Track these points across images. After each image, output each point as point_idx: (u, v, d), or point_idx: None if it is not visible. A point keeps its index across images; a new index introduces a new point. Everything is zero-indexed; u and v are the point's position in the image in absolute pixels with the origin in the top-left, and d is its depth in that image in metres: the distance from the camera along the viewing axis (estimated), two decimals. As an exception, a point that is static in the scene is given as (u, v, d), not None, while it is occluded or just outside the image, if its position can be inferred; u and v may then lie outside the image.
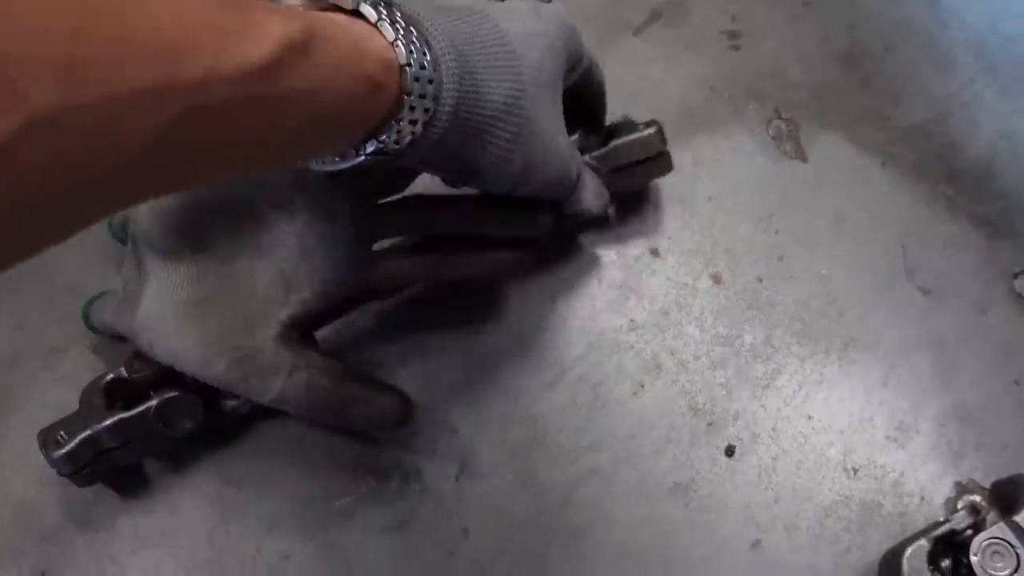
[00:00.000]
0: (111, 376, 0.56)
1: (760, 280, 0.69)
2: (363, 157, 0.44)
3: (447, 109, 0.45)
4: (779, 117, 0.76)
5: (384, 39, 0.42)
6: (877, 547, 0.61)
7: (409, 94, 0.43)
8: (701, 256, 0.70)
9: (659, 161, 0.68)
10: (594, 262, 0.70)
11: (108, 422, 0.56)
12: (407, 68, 0.42)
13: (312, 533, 0.61)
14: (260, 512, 0.61)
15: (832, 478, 0.63)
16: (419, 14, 0.46)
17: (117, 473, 0.60)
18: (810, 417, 0.65)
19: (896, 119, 0.76)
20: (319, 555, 0.60)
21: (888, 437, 0.64)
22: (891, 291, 0.69)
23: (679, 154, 0.73)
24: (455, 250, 0.61)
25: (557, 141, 0.54)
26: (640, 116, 0.69)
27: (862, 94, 0.77)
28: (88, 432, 0.55)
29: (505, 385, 0.66)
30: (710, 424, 0.65)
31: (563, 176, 0.57)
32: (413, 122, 0.44)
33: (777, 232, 0.71)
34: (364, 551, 0.60)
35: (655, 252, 0.70)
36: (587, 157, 0.65)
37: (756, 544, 0.61)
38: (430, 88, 0.44)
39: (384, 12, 0.43)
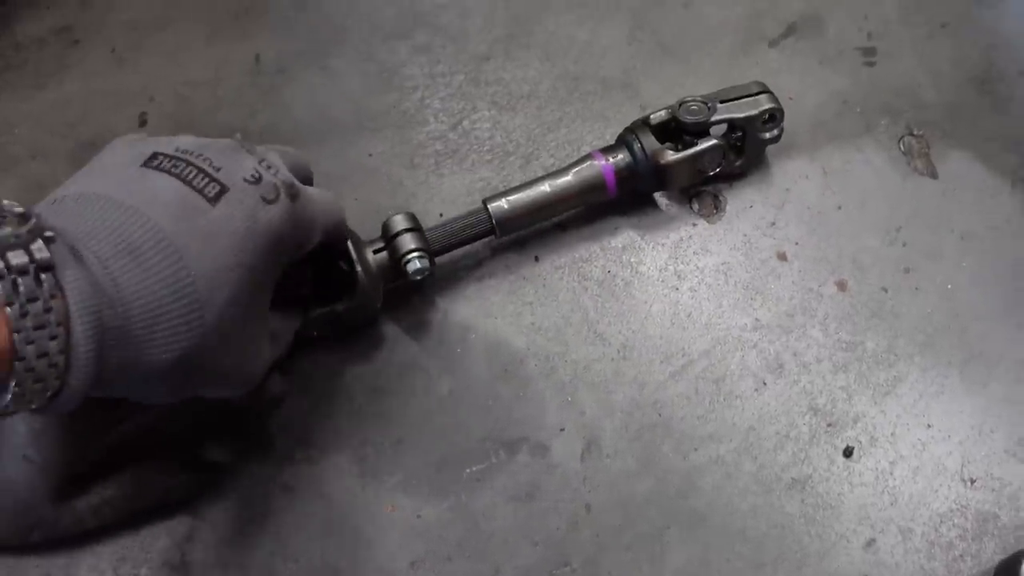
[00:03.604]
0: None
1: (885, 290, 0.71)
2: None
3: (76, 389, 0.43)
4: (911, 134, 0.78)
5: (4, 323, 0.40)
6: (991, 557, 0.62)
7: (19, 384, 0.41)
8: (827, 263, 0.72)
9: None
10: (723, 262, 0.72)
11: None
12: (18, 362, 0.40)
13: (444, 495, 0.65)
14: (396, 472, 0.65)
15: (949, 486, 0.64)
16: (78, 276, 0.43)
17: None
18: (930, 426, 0.66)
19: (1029, 143, 0.77)
20: (450, 516, 0.64)
21: (1007, 451, 0.65)
22: (1016, 309, 0.70)
23: (809, 164, 0.76)
24: None
25: (237, 374, 0.54)
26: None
27: (995, 117, 0.78)
28: None
29: (631, 373, 0.69)
30: (830, 425, 0.66)
31: (243, 384, 0.56)
32: (22, 399, 0.42)
33: (905, 245, 0.73)
34: (492, 516, 0.64)
35: (782, 256, 0.73)
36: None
37: (870, 543, 0.63)
38: (51, 372, 0.41)
39: (22, 285, 0.40)
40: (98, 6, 0.88)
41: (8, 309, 0.40)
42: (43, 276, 0.41)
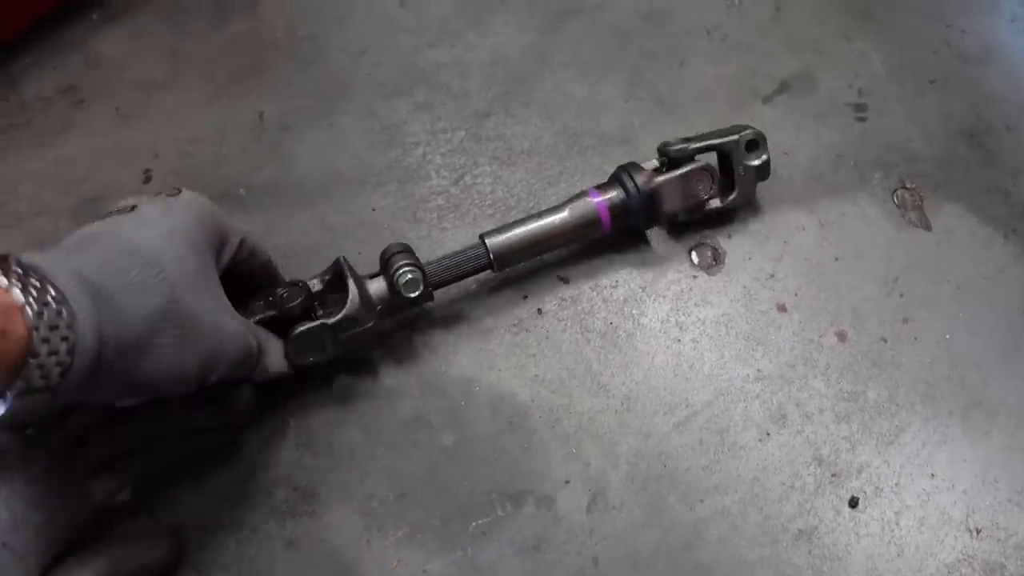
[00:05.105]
0: None
1: (884, 340, 0.72)
2: (9, 399, 0.45)
3: (88, 333, 0.46)
4: (904, 187, 0.79)
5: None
6: (1000, 607, 0.62)
7: (37, 329, 0.44)
8: (827, 314, 0.73)
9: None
10: (723, 314, 0.73)
11: None
12: (27, 308, 0.44)
13: (451, 549, 0.64)
14: (401, 526, 0.65)
15: (955, 536, 0.65)
16: (39, 258, 0.48)
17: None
18: (933, 475, 0.67)
19: (1018, 195, 0.79)
20: (456, 570, 0.63)
21: (1011, 500, 0.66)
22: (1013, 357, 0.71)
23: (806, 217, 0.77)
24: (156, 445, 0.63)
25: (226, 325, 0.56)
26: (769, 182, 0.75)
27: (984, 169, 0.80)
28: None
29: (636, 425, 0.69)
30: (834, 475, 0.67)
31: (245, 355, 0.58)
32: (54, 353, 0.45)
33: (902, 295, 0.74)
34: (499, 569, 0.63)
35: (782, 307, 0.73)
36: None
37: (879, 595, 0.63)
38: (61, 319, 0.45)
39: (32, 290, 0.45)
40: (103, 66, 0.89)
41: (14, 290, 0.44)
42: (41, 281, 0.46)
